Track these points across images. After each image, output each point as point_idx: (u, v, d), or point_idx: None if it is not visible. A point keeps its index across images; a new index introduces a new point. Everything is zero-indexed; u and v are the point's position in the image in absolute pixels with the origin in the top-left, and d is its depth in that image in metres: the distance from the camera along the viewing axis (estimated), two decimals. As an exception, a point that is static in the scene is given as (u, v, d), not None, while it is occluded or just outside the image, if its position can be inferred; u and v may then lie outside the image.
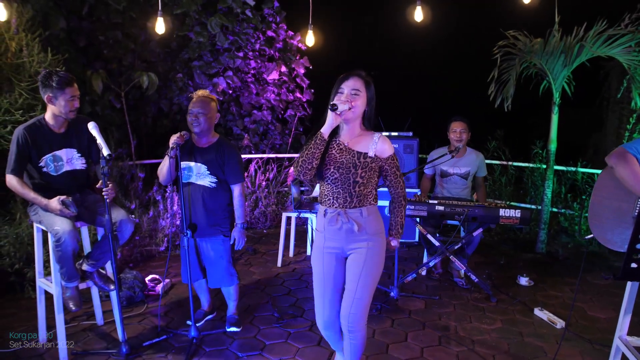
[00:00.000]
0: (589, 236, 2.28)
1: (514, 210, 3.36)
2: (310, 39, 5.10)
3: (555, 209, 5.06)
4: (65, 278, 2.59)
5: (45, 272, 2.83)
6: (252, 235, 5.30)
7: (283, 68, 6.87)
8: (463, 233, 3.89)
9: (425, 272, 4.03)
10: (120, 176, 4.76)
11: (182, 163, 2.77)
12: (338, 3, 9.63)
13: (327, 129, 1.98)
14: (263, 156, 6.19)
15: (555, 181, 4.89)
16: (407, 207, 3.49)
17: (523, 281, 3.84)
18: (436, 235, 3.77)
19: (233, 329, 2.95)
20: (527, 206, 5.10)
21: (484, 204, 3.47)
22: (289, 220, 4.52)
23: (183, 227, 2.70)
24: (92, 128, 2.49)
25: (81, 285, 2.72)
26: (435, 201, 3.49)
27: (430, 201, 3.49)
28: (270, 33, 6.83)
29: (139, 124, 6.20)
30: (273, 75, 6.78)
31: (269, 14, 6.79)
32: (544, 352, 2.78)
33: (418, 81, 10.59)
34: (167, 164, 2.72)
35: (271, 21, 6.82)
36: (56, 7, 4.74)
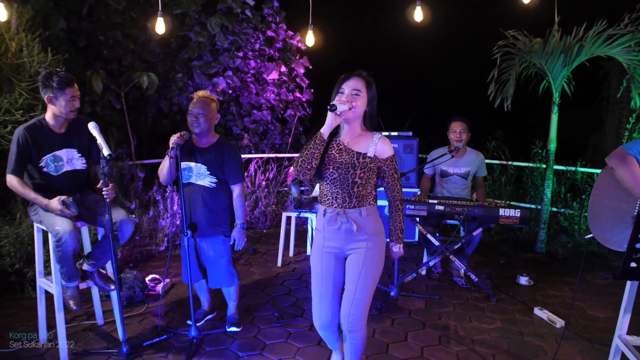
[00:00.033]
0: (589, 236, 2.28)
1: (514, 209, 3.37)
2: (310, 39, 5.10)
3: (554, 209, 5.06)
4: (65, 278, 2.60)
5: (45, 272, 2.83)
6: (252, 235, 5.30)
7: (283, 68, 6.87)
8: (463, 233, 3.90)
9: (425, 272, 4.03)
10: (120, 176, 4.77)
11: (182, 163, 2.77)
12: (338, 3, 9.63)
13: (327, 130, 1.97)
14: (263, 156, 6.20)
15: (554, 181, 4.89)
16: (407, 207, 3.49)
17: (523, 281, 3.84)
18: (436, 234, 3.77)
19: (233, 329, 2.96)
20: (527, 206, 5.10)
21: (484, 204, 3.47)
22: (289, 220, 4.53)
23: (183, 227, 2.71)
24: (93, 128, 2.50)
25: (81, 285, 2.73)
26: (435, 201, 3.49)
27: (430, 201, 3.50)
28: (270, 33, 6.84)
29: (139, 124, 6.20)
30: (273, 75, 6.78)
31: (269, 14, 6.79)
32: (544, 352, 2.79)
33: (418, 81, 10.58)
34: (168, 164, 2.72)
35: (271, 21, 6.82)
36: (56, 8, 4.75)
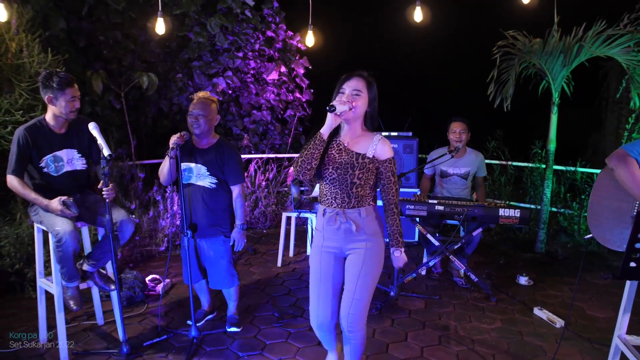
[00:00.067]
0: (588, 236, 2.28)
1: (514, 210, 3.37)
2: (310, 39, 5.10)
3: (554, 209, 5.07)
4: (66, 278, 2.60)
5: (45, 272, 2.83)
6: (252, 235, 5.30)
7: (282, 68, 6.87)
8: (463, 233, 3.90)
9: (425, 272, 4.04)
10: (120, 176, 4.77)
11: (182, 164, 2.77)
12: (338, 3, 9.63)
13: (326, 130, 1.97)
14: (263, 156, 6.20)
15: (554, 181, 4.90)
16: (407, 207, 3.49)
17: (522, 281, 3.85)
18: (436, 235, 3.78)
19: (233, 329, 2.96)
20: (527, 206, 5.11)
21: (484, 204, 3.48)
22: (289, 220, 4.53)
23: (183, 228, 2.71)
24: (93, 128, 2.50)
25: (82, 285, 2.73)
26: (434, 201, 3.50)
27: (429, 201, 3.50)
28: (269, 33, 6.84)
29: (139, 124, 6.20)
30: (272, 75, 6.79)
31: (269, 14, 6.79)
32: (544, 351, 2.79)
33: (418, 81, 10.58)
34: (168, 165, 2.72)
35: (271, 21, 6.83)
36: (56, 8, 4.75)
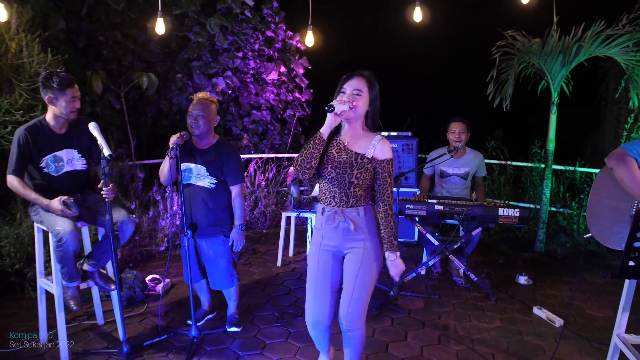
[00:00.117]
0: (588, 235, 2.28)
1: (513, 209, 3.38)
2: (309, 39, 5.10)
3: (553, 208, 5.07)
4: (66, 278, 2.60)
5: (46, 272, 2.83)
6: (252, 235, 5.31)
7: (282, 68, 6.87)
8: (462, 232, 3.91)
9: (424, 272, 4.04)
10: (120, 176, 4.77)
11: (182, 164, 2.78)
12: (338, 3, 9.64)
13: (326, 130, 1.97)
14: (262, 156, 6.20)
15: (553, 180, 4.90)
16: (407, 207, 3.50)
17: (522, 280, 3.85)
18: (435, 234, 3.78)
19: (233, 329, 2.96)
20: (526, 205, 5.10)
21: (483, 204, 3.49)
22: (289, 220, 4.53)
23: (183, 227, 2.71)
24: (93, 128, 2.50)
25: (82, 285, 2.74)
26: (434, 200, 3.50)
27: (429, 200, 3.51)
28: (269, 33, 6.84)
29: (139, 125, 6.20)
30: (272, 75, 6.79)
31: (268, 14, 6.80)
32: (543, 351, 2.80)
33: (418, 81, 10.58)
34: (168, 165, 2.73)
35: (270, 21, 6.83)
36: (55, 8, 4.75)
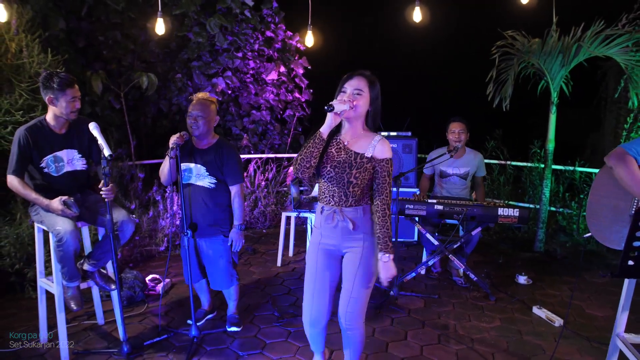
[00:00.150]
0: (588, 234, 2.29)
1: (513, 209, 3.38)
2: (309, 40, 5.10)
3: (553, 208, 5.08)
4: (66, 278, 2.61)
5: (46, 272, 2.83)
6: (252, 235, 5.31)
7: (282, 68, 6.88)
8: (462, 232, 3.91)
9: (424, 271, 4.04)
10: (120, 176, 4.77)
11: (182, 164, 2.78)
12: (338, 3, 9.65)
13: (326, 129, 1.97)
14: (262, 156, 6.21)
15: (553, 180, 4.91)
16: (407, 207, 3.50)
17: (521, 280, 3.86)
18: (435, 234, 3.79)
19: (233, 329, 2.97)
20: (526, 205, 5.10)
21: (483, 203, 3.49)
22: (289, 220, 4.54)
23: (183, 227, 2.71)
24: (94, 129, 2.50)
25: (82, 285, 2.74)
26: (434, 200, 3.51)
27: (429, 200, 3.51)
28: (269, 33, 6.84)
29: (139, 125, 6.21)
30: (272, 75, 6.79)
31: (268, 15, 6.80)
32: (543, 350, 2.80)
33: (418, 81, 10.60)
34: (168, 165, 2.73)
35: (270, 21, 6.83)
36: (55, 8, 4.75)
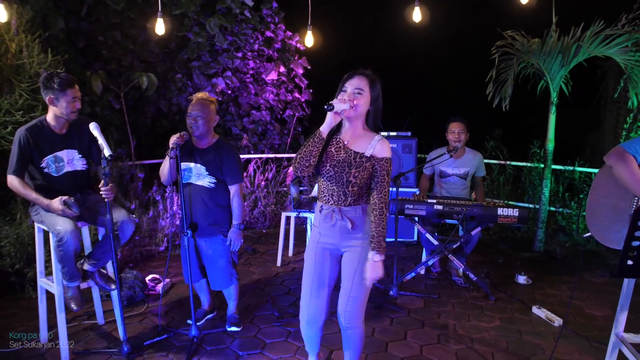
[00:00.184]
0: (587, 234, 2.29)
1: (512, 209, 3.38)
2: (309, 40, 5.10)
3: (553, 208, 5.09)
4: (66, 278, 2.61)
5: (46, 272, 2.83)
6: (252, 235, 5.31)
7: (282, 68, 6.88)
8: (461, 232, 3.92)
9: (423, 271, 4.05)
10: (119, 176, 4.78)
11: (182, 164, 2.78)
12: (338, 3, 9.65)
13: (326, 128, 1.97)
14: (262, 156, 6.21)
15: (552, 180, 4.91)
16: (406, 206, 3.51)
17: (521, 280, 3.86)
18: (435, 234, 3.79)
19: (233, 329, 2.97)
20: (525, 205, 5.11)
21: (482, 203, 3.49)
22: (288, 219, 4.54)
23: (183, 227, 2.72)
24: (94, 129, 2.50)
25: (82, 285, 2.74)
26: (433, 200, 3.51)
27: (428, 200, 3.51)
28: (268, 33, 6.85)
29: (138, 125, 6.21)
30: (272, 75, 6.80)
31: (268, 15, 6.80)
32: (542, 350, 2.80)
33: (418, 81, 10.60)
34: (168, 165, 2.73)
35: (270, 22, 6.84)
36: (55, 8, 4.75)
